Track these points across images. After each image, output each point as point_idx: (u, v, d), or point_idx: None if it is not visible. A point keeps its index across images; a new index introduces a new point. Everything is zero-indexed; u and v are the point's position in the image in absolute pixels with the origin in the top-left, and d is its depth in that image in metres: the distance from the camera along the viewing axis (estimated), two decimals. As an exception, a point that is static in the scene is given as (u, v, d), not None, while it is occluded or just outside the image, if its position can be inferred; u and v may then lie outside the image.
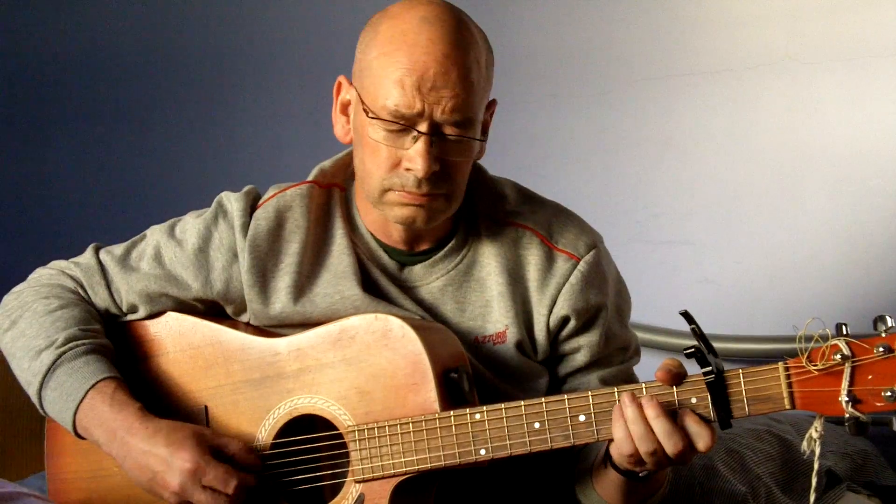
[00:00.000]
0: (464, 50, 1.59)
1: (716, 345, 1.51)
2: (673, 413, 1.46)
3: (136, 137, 3.59)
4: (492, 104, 1.70)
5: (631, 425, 1.46)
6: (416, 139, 1.58)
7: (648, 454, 1.46)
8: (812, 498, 1.53)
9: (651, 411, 1.46)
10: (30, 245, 3.59)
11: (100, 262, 1.79)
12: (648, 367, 1.76)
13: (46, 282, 1.80)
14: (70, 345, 1.69)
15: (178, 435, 1.62)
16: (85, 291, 1.79)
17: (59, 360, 1.68)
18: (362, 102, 1.61)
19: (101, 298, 1.79)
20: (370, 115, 1.59)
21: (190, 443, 1.61)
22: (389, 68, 1.57)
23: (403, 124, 1.58)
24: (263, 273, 1.72)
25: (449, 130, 1.59)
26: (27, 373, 1.72)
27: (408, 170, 1.59)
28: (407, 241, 1.72)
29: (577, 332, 1.72)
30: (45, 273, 1.83)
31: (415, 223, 1.65)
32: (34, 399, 1.72)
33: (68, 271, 1.80)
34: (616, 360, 1.75)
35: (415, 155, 1.58)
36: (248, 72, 3.46)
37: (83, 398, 1.66)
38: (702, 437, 1.44)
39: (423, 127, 1.57)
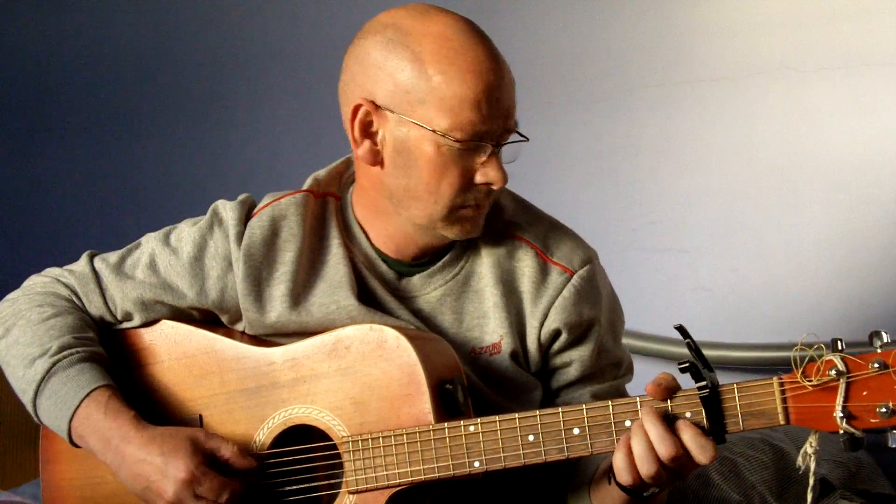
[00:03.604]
0: (503, 59, 1.62)
1: (711, 353, 1.51)
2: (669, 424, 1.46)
3: (132, 144, 3.59)
4: None
5: (634, 444, 1.46)
6: (488, 153, 1.60)
7: (650, 476, 1.46)
8: (807, 511, 1.53)
9: (646, 416, 1.46)
10: (24, 252, 3.59)
11: (94, 270, 1.79)
12: (643, 375, 1.76)
13: (41, 290, 1.79)
14: (64, 353, 1.69)
15: (173, 443, 1.62)
16: (79, 299, 1.78)
17: (53, 368, 1.68)
18: (418, 125, 1.59)
19: (95, 306, 1.78)
20: (452, 138, 1.57)
21: (184, 451, 1.61)
22: (458, 89, 1.56)
23: (480, 143, 1.59)
24: (258, 282, 1.72)
25: (507, 138, 1.62)
26: (21, 381, 1.71)
27: (483, 184, 1.61)
28: (419, 253, 1.72)
29: (569, 345, 1.71)
30: (39, 281, 1.82)
31: (477, 233, 1.68)
32: (29, 407, 1.71)
33: (62, 279, 1.80)
34: (608, 377, 1.75)
35: (491, 170, 1.60)
36: (243, 79, 3.46)
37: (78, 406, 1.66)
38: (705, 450, 1.44)
39: (493, 141, 1.60)
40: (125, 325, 1.80)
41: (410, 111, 1.59)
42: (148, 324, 1.79)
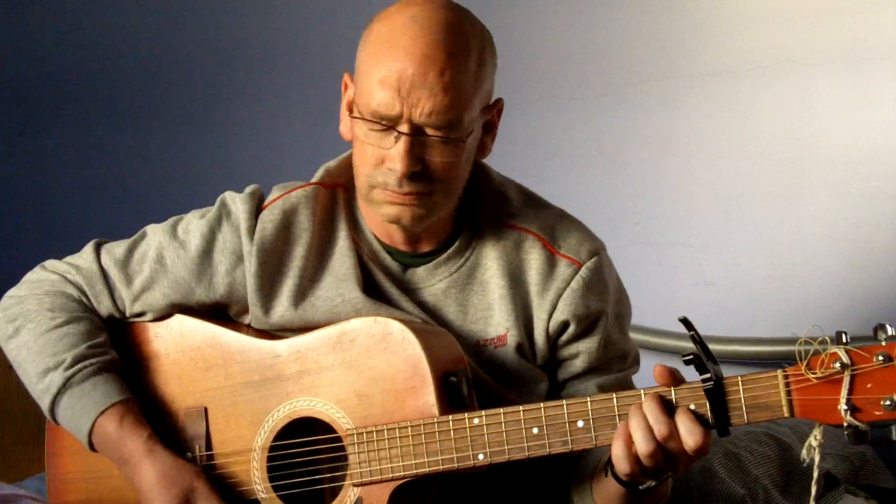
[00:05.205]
0: (446, 49, 1.57)
1: (714, 347, 1.51)
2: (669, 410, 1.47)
3: (136, 137, 3.59)
4: (497, 103, 1.69)
5: (632, 423, 1.46)
6: (397, 139, 1.58)
7: (647, 455, 1.46)
8: (811, 505, 1.53)
9: (647, 402, 1.47)
10: (30, 245, 3.59)
11: (101, 267, 1.78)
12: (646, 370, 1.76)
13: (49, 289, 1.78)
14: (78, 366, 1.70)
15: (174, 491, 1.66)
16: (88, 300, 1.78)
17: (67, 383, 1.69)
18: (354, 101, 1.63)
19: (104, 306, 1.78)
20: (355, 114, 1.61)
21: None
22: (373, 68, 1.58)
23: (385, 124, 1.58)
24: (269, 276, 1.72)
25: (430, 131, 1.59)
26: (36, 388, 1.72)
27: (389, 169, 1.60)
28: (407, 241, 1.72)
29: (576, 337, 1.71)
30: (45, 277, 1.80)
31: (400, 222, 1.65)
32: (47, 415, 1.74)
33: (69, 276, 1.79)
34: (615, 368, 1.75)
35: (394, 155, 1.59)
36: (247, 71, 3.46)
37: (93, 425, 1.69)
38: (693, 434, 1.44)
39: (403, 127, 1.58)
40: (133, 319, 1.79)
41: (354, 88, 1.64)
42: (155, 317, 1.79)
